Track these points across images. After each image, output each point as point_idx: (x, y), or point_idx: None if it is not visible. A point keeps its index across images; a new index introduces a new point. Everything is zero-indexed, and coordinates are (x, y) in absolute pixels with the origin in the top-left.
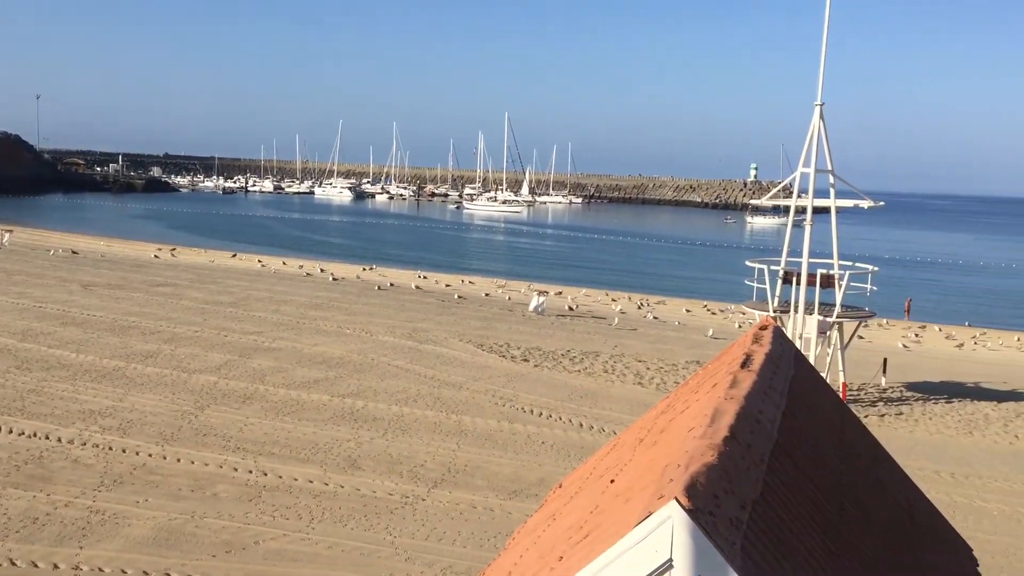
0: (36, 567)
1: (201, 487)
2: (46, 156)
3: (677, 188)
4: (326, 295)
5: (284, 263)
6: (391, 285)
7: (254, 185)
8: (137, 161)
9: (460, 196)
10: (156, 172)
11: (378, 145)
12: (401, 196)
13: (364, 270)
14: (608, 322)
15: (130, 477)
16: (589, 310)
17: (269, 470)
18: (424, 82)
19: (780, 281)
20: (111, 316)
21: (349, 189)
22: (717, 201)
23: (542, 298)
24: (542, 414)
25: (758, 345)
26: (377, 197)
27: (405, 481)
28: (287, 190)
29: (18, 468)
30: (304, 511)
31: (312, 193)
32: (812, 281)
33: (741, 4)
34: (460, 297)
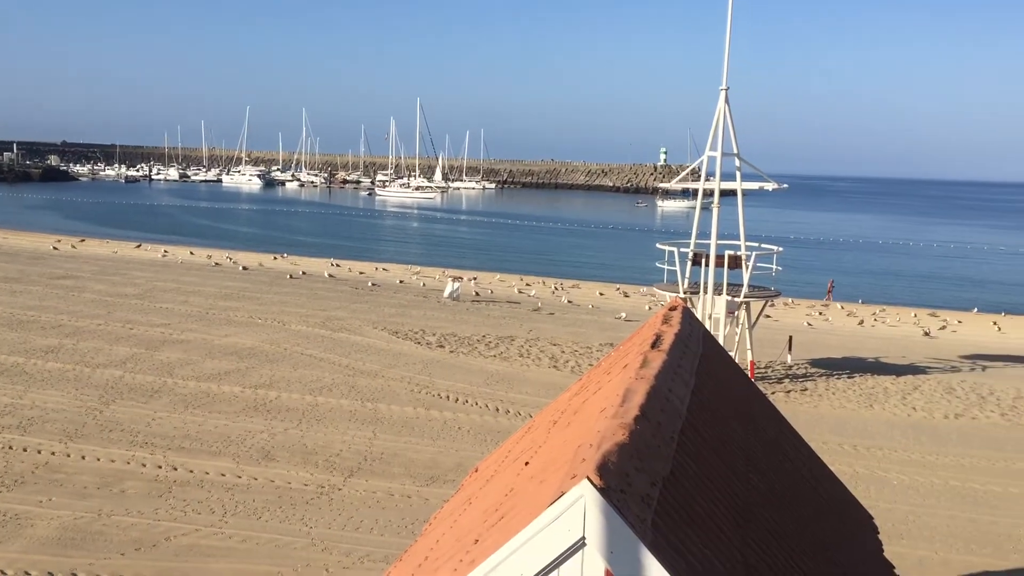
0: None
1: (108, 484)
2: None
3: (589, 173)
4: (236, 285)
5: (192, 253)
6: (303, 273)
7: (158, 173)
8: (33, 149)
9: (372, 183)
10: (54, 161)
11: (287, 131)
12: (312, 183)
13: (275, 259)
14: (533, 305)
15: (32, 476)
16: (500, 295)
17: (179, 464)
18: (334, 67)
19: (690, 263)
20: (8, 311)
21: (258, 176)
22: (628, 185)
23: (457, 284)
24: (458, 400)
25: (668, 326)
26: (287, 184)
27: (321, 471)
28: (193, 178)
29: None
30: (217, 505)
31: (220, 181)
32: (720, 262)
33: None
34: (374, 284)
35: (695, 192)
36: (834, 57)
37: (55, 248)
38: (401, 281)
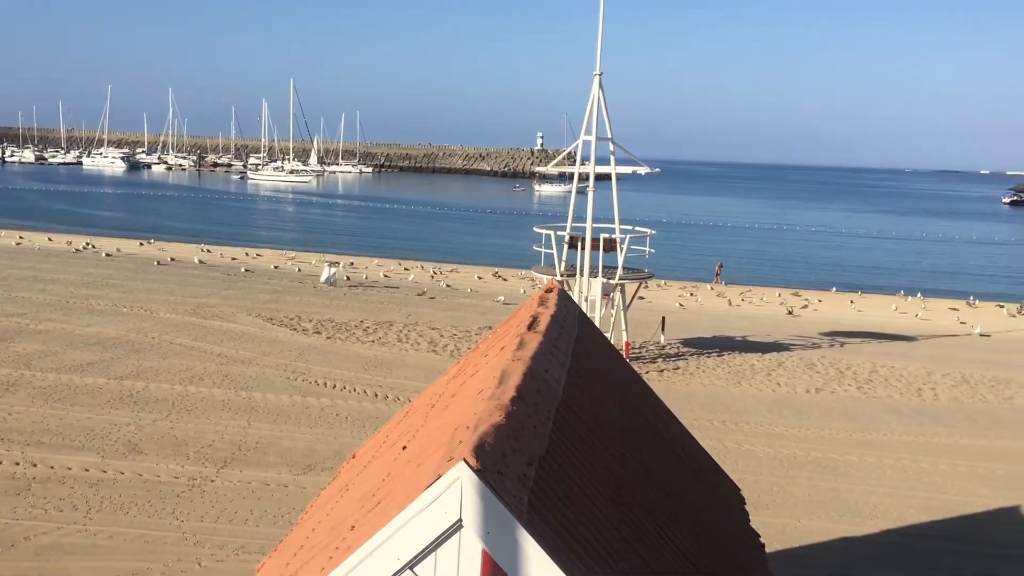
0: None
1: None
2: None
3: (467, 157)
4: (99, 272)
5: (50, 239)
6: (172, 260)
7: (12, 155)
8: None
9: (244, 166)
10: None
11: (152, 112)
12: (180, 166)
13: (141, 244)
14: (417, 290)
15: None
16: (378, 280)
17: (39, 460)
18: (202, 45)
19: (566, 246)
20: None
21: (122, 159)
22: (506, 169)
23: (333, 269)
24: (336, 386)
25: (544, 308)
26: (154, 167)
27: (192, 463)
28: (51, 160)
29: None
30: (80, 501)
31: (80, 164)
32: (596, 245)
33: None
34: (247, 270)
35: (571, 176)
36: (707, 47)
37: None
38: (276, 267)
